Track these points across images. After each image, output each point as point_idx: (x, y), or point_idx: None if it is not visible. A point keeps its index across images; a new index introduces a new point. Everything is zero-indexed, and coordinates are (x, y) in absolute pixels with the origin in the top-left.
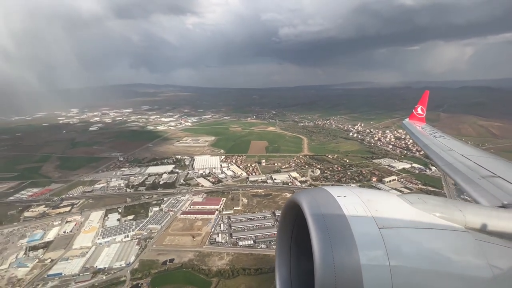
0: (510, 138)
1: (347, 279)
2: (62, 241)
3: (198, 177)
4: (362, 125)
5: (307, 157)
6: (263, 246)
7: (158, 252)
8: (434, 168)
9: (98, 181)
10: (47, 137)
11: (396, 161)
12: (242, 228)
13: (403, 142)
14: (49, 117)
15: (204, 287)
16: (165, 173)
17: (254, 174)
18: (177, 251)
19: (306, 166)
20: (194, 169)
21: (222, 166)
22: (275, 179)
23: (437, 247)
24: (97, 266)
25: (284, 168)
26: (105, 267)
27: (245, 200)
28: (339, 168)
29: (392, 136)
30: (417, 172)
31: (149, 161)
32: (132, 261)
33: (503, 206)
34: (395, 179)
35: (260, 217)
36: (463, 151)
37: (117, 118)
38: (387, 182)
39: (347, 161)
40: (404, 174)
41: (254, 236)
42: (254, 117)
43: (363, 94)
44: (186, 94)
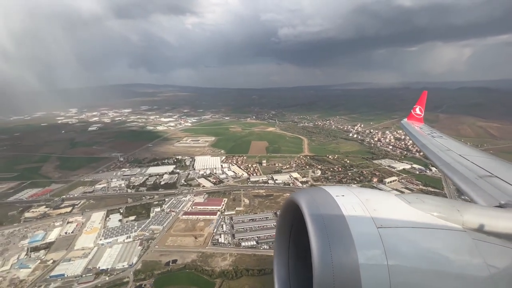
0: (509, 139)
1: (345, 278)
2: (64, 242)
3: (199, 177)
4: (362, 125)
5: (308, 157)
6: (266, 247)
7: (160, 253)
8: (434, 169)
9: (99, 181)
10: (46, 137)
11: (396, 161)
12: (245, 228)
13: (403, 143)
14: (47, 117)
15: None
16: (166, 173)
17: (255, 174)
18: (179, 252)
19: (307, 167)
20: (195, 169)
21: (223, 167)
22: (276, 180)
23: (434, 247)
24: (99, 267)
25: (285, 168)
26: (107, 268)
27: (246, 200)
28: (340, 168)
29: (392, 136)
30: (417, 173)
31: (149, 161)
32: (134, 262)
33: (500, 206)
34: (396, 180)
35: (262, 217)
36: (461, 151)
37: (116, 118)
38: (388, 182)
39: (348, 161)
40: (404, 175)
41: (257, 236)
42: (254, 117)
43: (362, 95)
44: (185, 94)
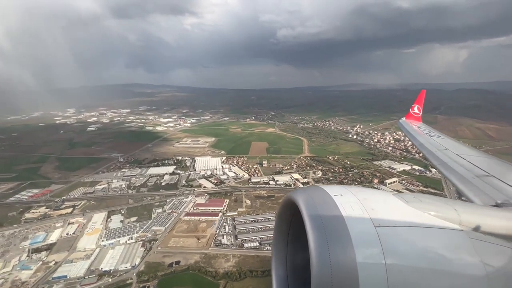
0: (507, 140)
1: (343, 277)
2: (65, 243)
3: (200, 178)
4: (361, 126)
5: (308, 158)
6: (269, 248)
7: (163, 254)
8: (434, 170)
9: (99, 182)
10: (45, 137)
11: (396, 163)
12: (247, 230)
13: (402, 144)
14: (45, 116)
15: None
16: (166, 174)
17: (256, 175)
18: (182, 253)
19: (308, 168)
20: (195, 170)
21: (223, 168)
22: (277, 181)
23: (432, 246)
24: (102, 269)
25: (285, 169)
26: (110, 270)
27: (248, 201)
28: (340, 169)
29: (391, 138)
30: (417, 174)
31: (149, 162)
32: (137, 263)
33: (497, 205)
34: (397, 181)
35: (264, 218)
36: (459, 151)
37: (115, 118)
38: (389, 183)
39: (348, 162)
40: (405, 176)
41: (260, 237)
42: (253, 118)
43: (360, 96)
44: (184, 94)
